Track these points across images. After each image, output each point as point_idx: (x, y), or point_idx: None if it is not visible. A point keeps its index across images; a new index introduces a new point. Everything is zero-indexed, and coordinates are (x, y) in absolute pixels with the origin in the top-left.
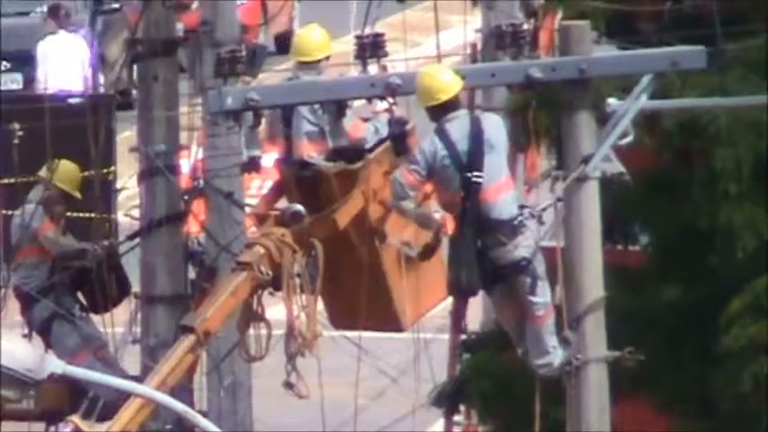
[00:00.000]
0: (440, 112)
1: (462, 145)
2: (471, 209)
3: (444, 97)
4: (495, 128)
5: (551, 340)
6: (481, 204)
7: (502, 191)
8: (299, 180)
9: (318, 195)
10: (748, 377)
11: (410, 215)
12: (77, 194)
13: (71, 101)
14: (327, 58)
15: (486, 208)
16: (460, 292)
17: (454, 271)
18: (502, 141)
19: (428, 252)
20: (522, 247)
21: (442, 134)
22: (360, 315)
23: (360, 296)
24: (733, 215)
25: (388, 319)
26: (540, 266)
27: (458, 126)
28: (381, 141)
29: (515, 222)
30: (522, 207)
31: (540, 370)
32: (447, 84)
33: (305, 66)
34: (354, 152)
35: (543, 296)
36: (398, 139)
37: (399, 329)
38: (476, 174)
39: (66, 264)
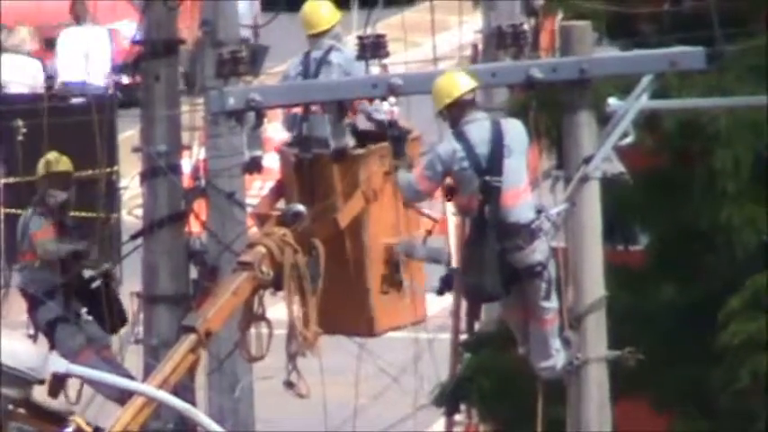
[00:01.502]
0: (456, 113)
1: (482, 148)
2: (491, 213)
3: (457, 93)
4: (516, 133)
5: (555, 343)
6: (500, 209)
7: (521, 196)
8: (299, 163)
9: (316, 180)
10: (747, 374)
11: (420, 255)
12: (71, 169)
13: (73, 100)
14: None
15: (505, 212)
16: (482, 298)
17: (475, 276)
18: (522, 146)
19: (445, 286)
20: (538, 251)
21: (460, 137)
22: (333, 317)
23: (335, 297)
24: (732, 214)
25: (360, 323)
26: (552, 271)
27: (477, 129)
28: (380, 125)
29: (533, 227)
30: (539, 212)
31: (542, 372)
32: (460, 82)
33: (316, 38)
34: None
35: (554, 301)
36: (397, 141)
37: (371, 334)
38: (495, 178)
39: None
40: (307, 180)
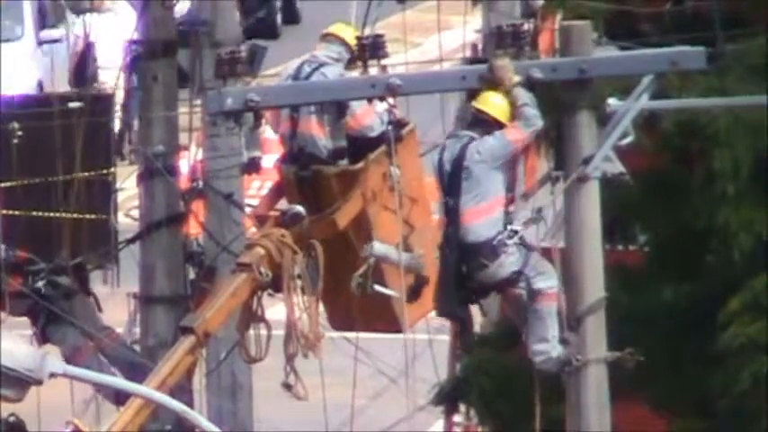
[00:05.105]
0: (472, 119)
1: (447, 166)
2: (453, 233)
3: (480, 106)
4: (478, 155)
5: (553, 329)
6: (460, 228)
7: (480, 216)
8: (299, 180)
9: (318, 196)
10: (747, 376)
11: (394, 261)
12: None
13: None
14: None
15: (463, 232)
16: (443, 315)
17: (438, 294)
18: (482, 169)
19: (414, 294)
20: (506, 264)
21: (441, 150)
22: (358, 316)
23: (358, 297)
24: (730, 216)
25: (387, 320)
26: (534, 270)
27: (451, 146)
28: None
29: (494, 242)
30: (505, 226)
31: (536, 357)
32: (490, 100)
33: (325, 39)
34: (356, 148)
35: (550, 280)
36: (396, 141)
37: (399, 330)
38: (453, 199)
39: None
40: (309, 195)
